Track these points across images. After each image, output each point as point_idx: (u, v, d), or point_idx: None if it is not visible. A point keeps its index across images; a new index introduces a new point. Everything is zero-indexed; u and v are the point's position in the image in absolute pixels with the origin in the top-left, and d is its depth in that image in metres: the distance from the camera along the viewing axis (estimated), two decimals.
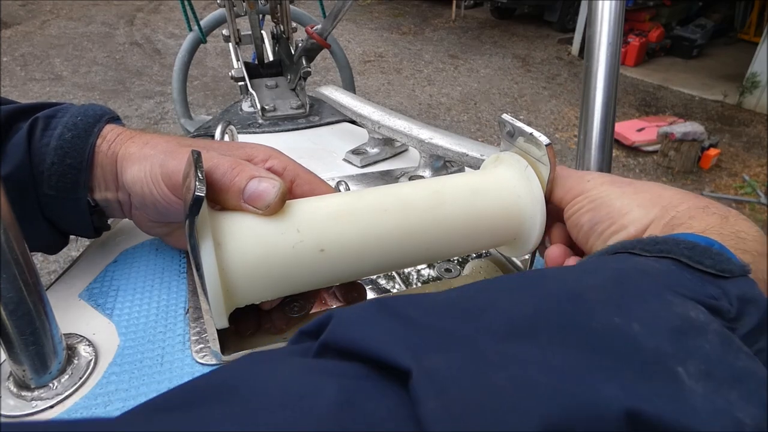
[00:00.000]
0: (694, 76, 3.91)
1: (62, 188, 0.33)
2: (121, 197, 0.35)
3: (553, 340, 0.16)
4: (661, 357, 0.16)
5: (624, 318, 0.17)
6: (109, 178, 0.35)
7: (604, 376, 0.15)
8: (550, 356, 0.15)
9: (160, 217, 0.36)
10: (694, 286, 0.20)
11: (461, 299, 0.19)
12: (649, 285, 0.19)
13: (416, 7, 5.58)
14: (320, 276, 0.30)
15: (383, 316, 0.17)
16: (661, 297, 0.18)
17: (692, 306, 0.18)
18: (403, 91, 3.57)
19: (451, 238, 0.33)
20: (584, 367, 0.15)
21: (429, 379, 0.14)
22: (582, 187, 0.32)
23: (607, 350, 0.16)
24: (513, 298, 0.19)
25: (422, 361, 0.15)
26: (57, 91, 3.22)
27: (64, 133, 0.33)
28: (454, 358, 0.15)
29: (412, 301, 0.19)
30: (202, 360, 0.31)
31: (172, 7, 4.91)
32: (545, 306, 0.18)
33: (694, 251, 0.21)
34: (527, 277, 0.21)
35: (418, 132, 0.54)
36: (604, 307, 0.17)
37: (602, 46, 0.40)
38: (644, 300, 0.18)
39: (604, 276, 0.20)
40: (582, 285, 0.19)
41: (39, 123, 0.34)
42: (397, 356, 0.15)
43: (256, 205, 0.28)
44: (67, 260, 1.56)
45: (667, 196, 0.29)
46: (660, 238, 0.23)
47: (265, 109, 0.73)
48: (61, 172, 0.33)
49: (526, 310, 0.17)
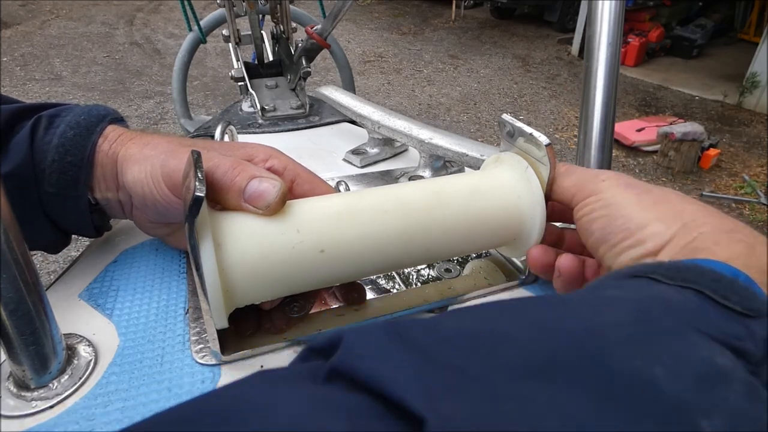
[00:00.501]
0: (694, 76, 3.91)
1: (62, 185, 0.33)
2: (122, 197, 0.35)
3: (571, 383, 0.15)
4: (684, 407, 0.15)
5: (646, 361, 0.16)
6: (110, 177, 0.35)
7: (624, 426, 0.14)
8: (569, 403, 0.15)
9: (161, 218, 0.36)
10: (720, 324, 0.18)
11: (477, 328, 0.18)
12: (674, 323, 0.18)
13: (416, 7, 5.58)
14: (320, 276, 0.30)
15: (395, 346, 0.17)
16: (686, 337, 0.17)
17: (719, 350, 0.17)
18: (403, 92, 3.57)
19: (451, 238, 0.33)
20: (604, 415, 0.14)
21: (445, 429, 0.14)
22: (595, 186, 0.30)
23: (628, 397, 0.15)
24: (531, 331, 0.17)
25: (437, 407, 0.14)
26: (57, 91, 3.22)
27: (66, 131, 0.33)
28: (470, 404, 0.15)
29: (426, 327, 0.18)
30: (202, 360, 0.31)
31: (172, 7, 4.91)
32: (563, 344, 0.17)
33: (720, 284, 0.20)
34: (546, 306, 0.20)
35: (418, 132, 0.54)
36: (625, 347, 0.16)
37: (602, 46, 0.40)
38: (668, 341, 0.17)
39: (626, 310, 0.18)
40: (602, 320, 0.18)
41: (42, 121, 0.34)
42: (411, 399, 0.14)
43: (257, 205, 0.28)
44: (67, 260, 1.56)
45: (690, 211, 0.27)
46: (683, 264, 0.22)
47: (265, 109, 0.73)
48: (62, 169, 0.33)
49: (543, 348, 0.17)
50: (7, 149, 0.32)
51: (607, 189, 0.29)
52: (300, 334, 0.33)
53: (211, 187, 0.29)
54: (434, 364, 0.16)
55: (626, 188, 0.29)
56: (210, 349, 0.31)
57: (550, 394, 0.15)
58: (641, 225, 0.27)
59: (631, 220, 0.27)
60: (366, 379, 0.16)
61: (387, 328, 0.18)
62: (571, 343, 0.17)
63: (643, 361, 0.16)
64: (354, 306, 0.35)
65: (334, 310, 0.35)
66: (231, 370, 0.30)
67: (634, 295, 0.20)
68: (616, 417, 0.14)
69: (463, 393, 0.15)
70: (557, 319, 0.18)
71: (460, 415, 0.14)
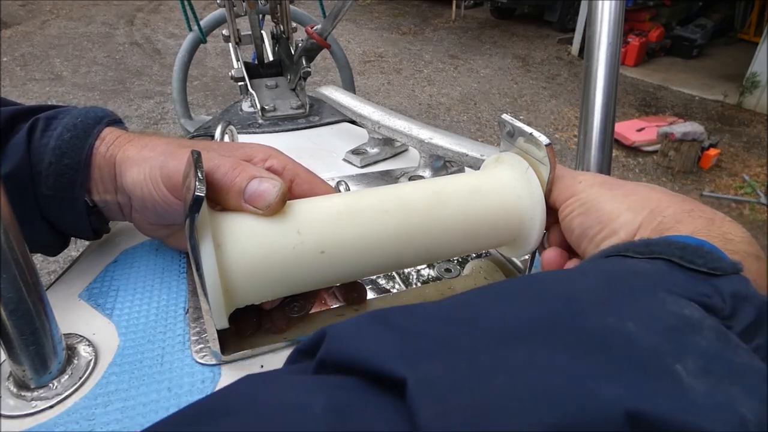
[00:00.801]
0: (694, 76, 3.91)
1: (59, 188, 0.33)
2: (121, 200, 0.35)
3: (548, 343, 0.16)
4: (658, 355, 0.16)
5: (618, 318, 0.17)
6: (108, 180, 0.35)
7: (602, 377, 0.15)
8: (547, 359, 0.15)
9: (160, 219, 0.36)
10: (688, 285, 0.20)
11: (455, 307, 0.19)
12: (642, 285, 0.19)
13: (416, 7, 5.58)
14: (320, 276, 0.30)
15: (377, 327, 0.17)
16: (655, 296, 0.19)
17: (686, 304, 0.18)
18: (403, 92, 3.57)
19: (451, 238, 0.33)
20: (582, 368, 0.15)
21: (425, 387, 0.14)
22: (574, 188, 0.32)
23: (604, 351, 0.16)
24: (506, 304, 0.19)
25: (417, 369, 0.15)
26: (57, 91, 3.22)
27: (63, 133, 0.33)
28: (451, 365, 0.15)
29: (405, 311, 0.19)
30: (202, 360, 0.31)
31: (172, 7, 4.91)
32: (539, 310, 0.18)
33: (686, 251, 0.21)
34: (520, 283, 0.21)
35: (418, 132, 0.54)
36: (597, 308, 0.17)
37: (602, 46, 0.40)
38: (637, 299, 0.18)
39: (596, 278, 0.20)
40: (574, 288, 0.19)
41: (39, 123, 0.34)
42: (392, 365, 0.15)
43: (257, 205, 0.28)
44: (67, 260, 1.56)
45: (655, 198, 0.29)
46: (652, 240, 0.24)
47: (265, 109, 0.73)
48: (59, 171, 0.33)
49: (520, 315, 0.17)
50: (5, 151, 0.32)
51: (583, 189, 0.31)
52: (300, 334, 0.33)
53: (211, 188, 0.29)
54: (415, 337, 0.17)
55: (600, 186, 0.31)
56: (210, 349, 0.31)
57: (529, 352, 0.16)
58: (614, 216, 0.29)
59: (605, 213, 0.29)
60: (349, 358, 0.16)
61: (368, 316, 0.18)
62: (547, 309, 0.18)
63: (615, 318, 0.17)
64: (354, 306, 0.35)
65: (334, 310, 0.35)
66: (231, 370, 0.30)
67: (606, 266, 0.22)
68: (594, 369, 0.15)
69: (442, 356, 0.16)
70: (532, 291, 0.19)
71: (440, 372, 0.15)
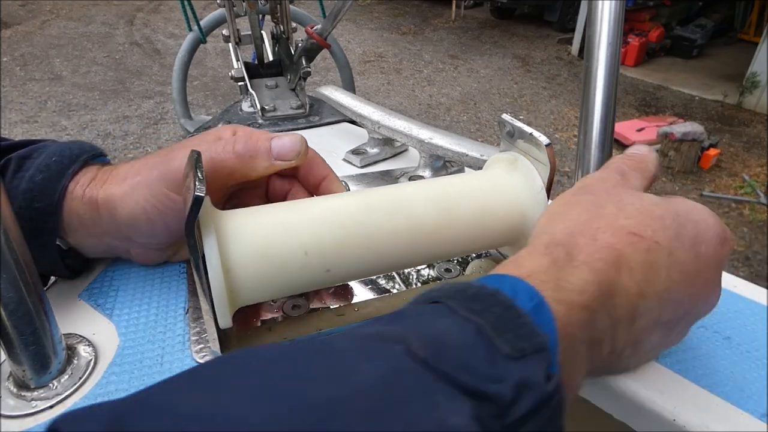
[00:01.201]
0: (694, 76, 3.91)
1: (31, 233, 0.31)
2: (110, 241, 0.34)
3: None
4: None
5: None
6: (90, 224, 0.33)
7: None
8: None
9: (170, 236, 0.34)
10: (482, 368, 0.18)
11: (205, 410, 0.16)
12: (423, 382, 0.17)
13: (416, 7, 5.58)
14: (323, 285, 0.31)
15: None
16: (430, 398, 0.17)
17: (459, 409, 0.17)
18: (403, 92, 3.57)
19: (451, 238, 0.33)
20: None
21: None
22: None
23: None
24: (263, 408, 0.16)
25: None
26: (57, 91, 3.22)
27: (35, 175, 0.31)
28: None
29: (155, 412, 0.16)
30: (202, 360, 0.31)
31: (172, 7, 4.91)
32: (297, 424, 0.15)
33: (501, 319, 0.20)
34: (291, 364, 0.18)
35: (418, 132, 0.54)
36: (359, 422, 0.16)
37: (602, 46, 0.40)
38: (407, 407, 0.17)
39: (380, 371, 0.18)
40: (347, 390, 0.17)
41: (11, 164, 0.32)
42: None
43: (288, 158, 0.32)
44: None
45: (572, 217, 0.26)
46: (481, 290, 0.21)
47: (265, 109, 0.73)
48: (29, 216, 0.31)
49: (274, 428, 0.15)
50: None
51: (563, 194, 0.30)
52: (300, 334, 0.33)
53: (239, 161, 0.31)
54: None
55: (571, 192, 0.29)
56: (210, 349, 0.31)
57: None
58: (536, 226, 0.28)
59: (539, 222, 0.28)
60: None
61: (106, 418, 0.16)
62: (305, 423, 0.15)
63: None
64: (354, 306, 0.36)
65: (334, 310, 0.35)
66: None
67: (404, 342, 0.19)
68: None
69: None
70: (299, 387, 0.17)
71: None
